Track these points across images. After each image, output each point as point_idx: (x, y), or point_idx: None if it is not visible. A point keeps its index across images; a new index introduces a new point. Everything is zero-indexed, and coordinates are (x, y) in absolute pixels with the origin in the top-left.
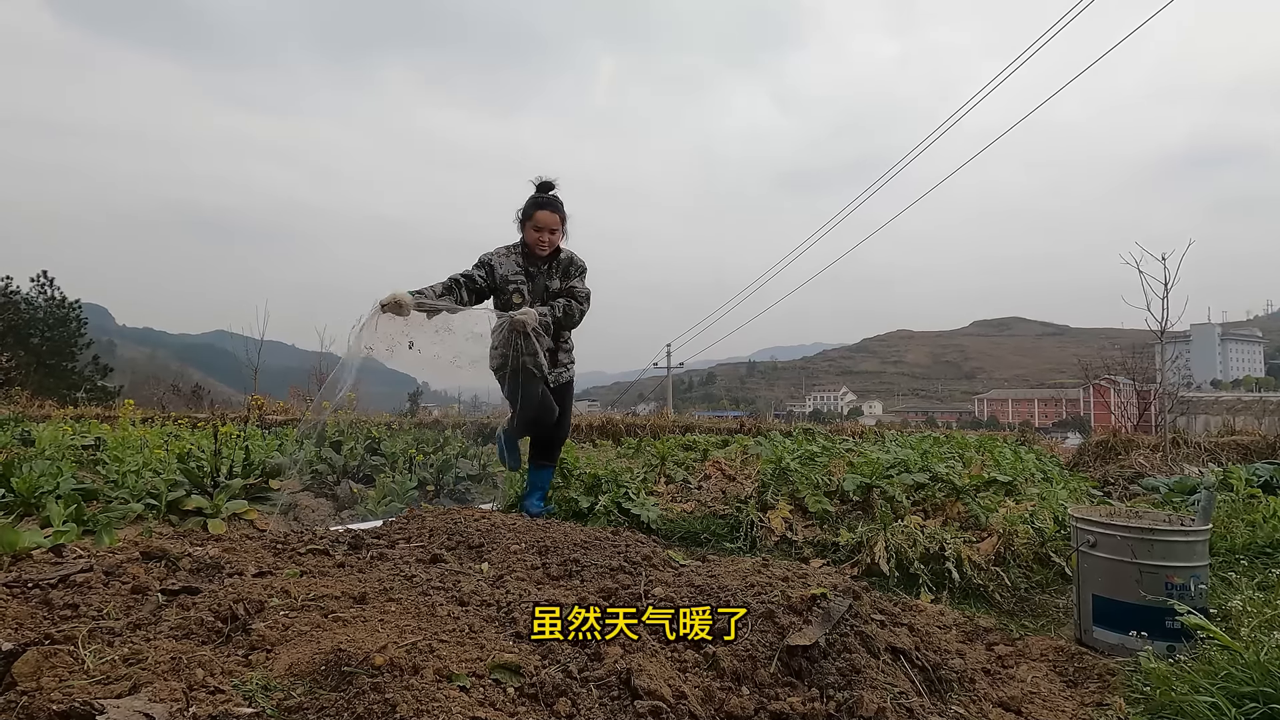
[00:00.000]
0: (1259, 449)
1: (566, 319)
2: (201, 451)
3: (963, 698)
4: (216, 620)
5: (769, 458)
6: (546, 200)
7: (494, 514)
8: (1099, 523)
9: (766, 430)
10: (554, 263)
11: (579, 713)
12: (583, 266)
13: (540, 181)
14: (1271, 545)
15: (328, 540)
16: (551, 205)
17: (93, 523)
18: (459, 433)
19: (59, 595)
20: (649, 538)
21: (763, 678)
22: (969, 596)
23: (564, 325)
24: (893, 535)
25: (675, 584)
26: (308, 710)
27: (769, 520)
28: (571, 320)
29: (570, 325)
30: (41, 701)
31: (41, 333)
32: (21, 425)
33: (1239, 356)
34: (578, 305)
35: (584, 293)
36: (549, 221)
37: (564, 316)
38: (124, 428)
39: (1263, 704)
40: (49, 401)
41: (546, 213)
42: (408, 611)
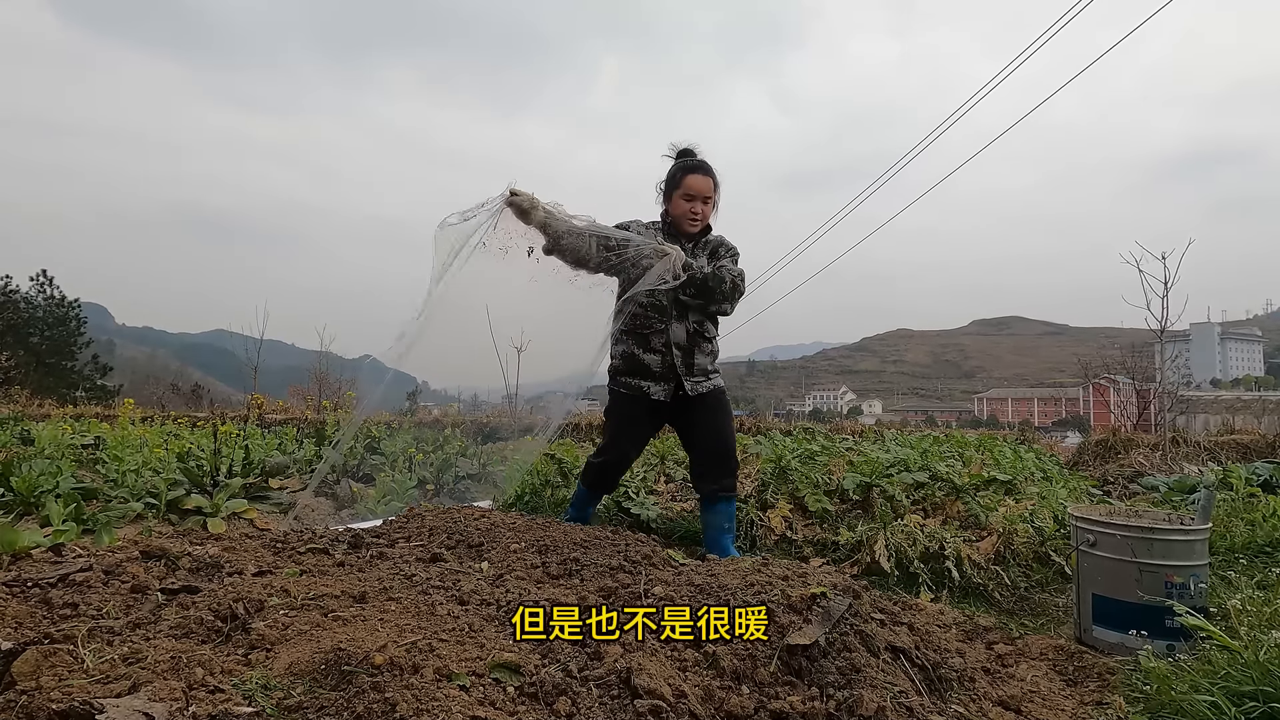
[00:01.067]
0: (1258, 448)
1: (716, 284)
2: (201, 451)
3: (962, 696)
4: (216, 619)
5: (769, 457)
6: (698, 164)
7: (494, 513)
8: (1099, 522)
9: (766, 429)
10: (701, 243)
11: (579, 712)
12: (734, 250)
13: (680, 148)
14: (1271, 544)
15: (327, 539)
16: (704, 169)
17: (92, 522)
18: (458, 431)
19: (58, 594)
20: (649, 537)
21: (762, 677)
22: (969, 595)
23: (711, 293)
24: (893, 534)
25: (675, 583)
26: (307, 709)
27: (769, 519)
28: (722, 288)
29: (719, 297)
30: (41, 701)
31: (41, 332)
32: (21, 424)
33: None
34: (732, 277)
35: (739, 271)
36: (702, 188)
37: (713, 281)
38: (123, 427)
39: (1262, 703)
40: (48, 401)
41: (699, 177)
42: (407, 610)
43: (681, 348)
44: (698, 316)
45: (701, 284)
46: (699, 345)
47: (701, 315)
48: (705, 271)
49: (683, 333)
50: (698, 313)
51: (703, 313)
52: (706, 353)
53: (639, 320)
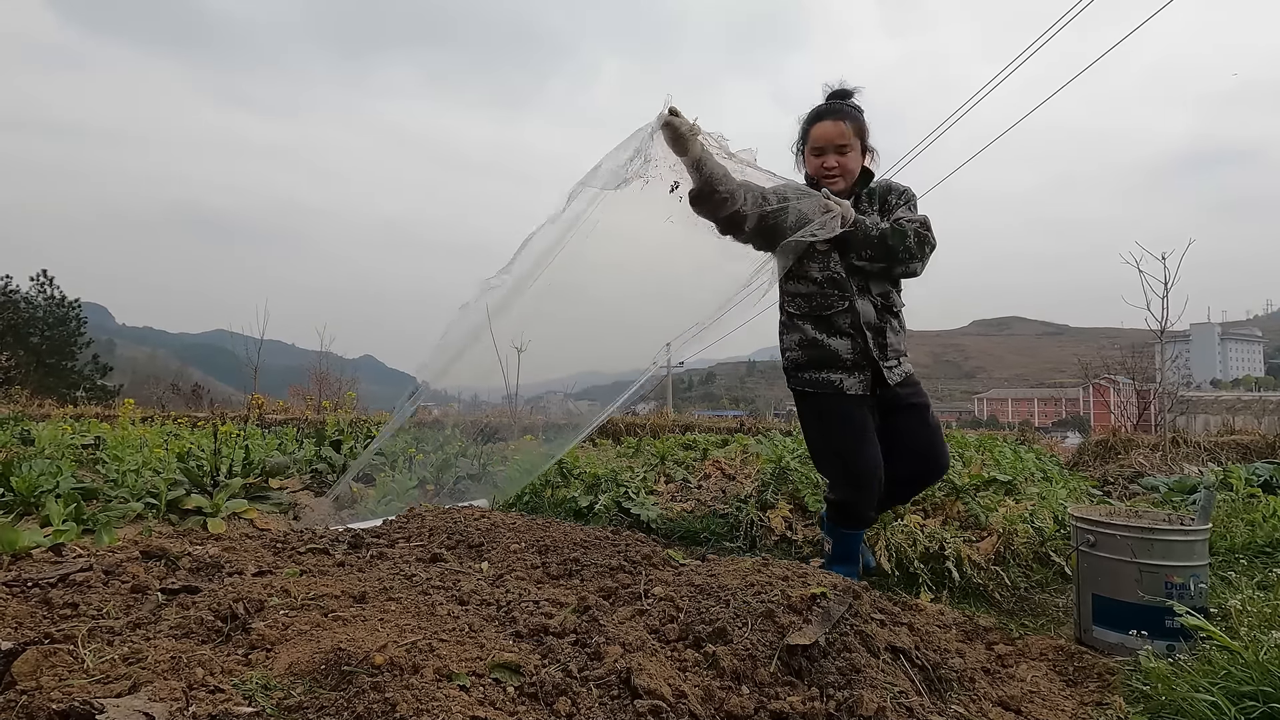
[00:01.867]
0: (1258, 448)
1: (898, 241)
2: (201, 451)
3: (962, 697)
4: (216, 619)
5: (769, 457)
6: (824, 109)
7: (494, 513)
8: (1099, 522)
9: (766, 429)
10: (864, 194)
11: (579, 712)
12: (908, 194)
13: (832, 90)
14: (1271, 544)
15: (327, 539)
16: (835, 113)
17: (92, 522)
18: (458, 431)
19: (58, 594)
20: (649, 537)
21: (762, 677)
22: (969, 596)
23: (894, 253)
24: (892, 534)
25: (675, 583)
26: (307, 709)
27: (769, 519)
28: (905, 244)
29: (903, 255)
30: (41, 701)
31: (41, 332)
32: (21, 424)
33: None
34: (914, 228)
35: (920, 218)
36: (830, 135)
37: (893, 237)
38: (124, 427)
39: (1262, 703)
40: (48, 400)
41: (825, 124)
42: (407, 611)
43: (872, 327)
44: (882, 287)
45: (879, 243)
46: (889, 322)
47: (886, 284)
48: (882, 227)
49: (870, 309)
50: (881, 282)
51: (887, 279)
52: (897, 330)
53: (815, 300)
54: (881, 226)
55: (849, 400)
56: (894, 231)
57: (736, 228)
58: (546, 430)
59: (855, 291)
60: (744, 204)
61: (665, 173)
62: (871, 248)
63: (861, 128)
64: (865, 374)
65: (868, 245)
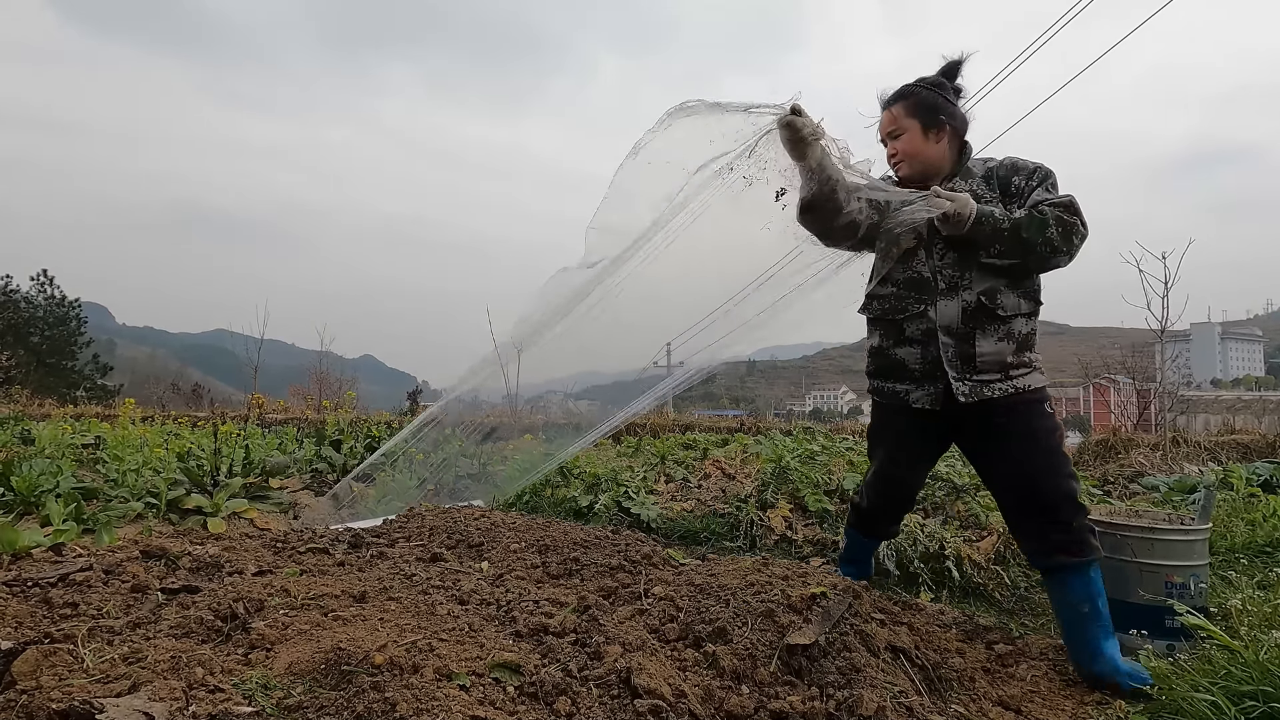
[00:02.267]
0: (1259, 448)
1: (1036, 232)
2: (201, 450)
3: (962, 696)
4: (216, 619)
5: (769, 457)
6: (890, 96)
7: (494, 513)
8: (1098, 521)
9: (766, 429)
10: (966, 184)
11: (579, 711)
12: (1041, 171)
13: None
14: (1271, 544)
15: (327, 539)
16: (891, 100)
17: (92, 521)
18: (458, 431)
19: (58, 594)
20: (649, 537)
21: (762, 676)
22: (969, 595)
23: (1029, 247)
24: None
25: (675, 583)
26: (307, 709)
27: (769, 519)
28: (1045, 234)
29: (1043, 248)
30: (41, 700)
31: (41, 331)
32: (21, 424)
33: (1239, 355)
34: (1054, 214)
35: (1063, 200)
36: (883, 124)
37: (1029, 228)
38: (124, 426)
39: (1262, 703)
40: (49, 400)
41: (886, 113)
42: (407, 610)
43: (953, 332)
44: (987, 284)
45: (1011, 235)
46: (985, 327)
47: (996, 281)
48: (1015, 218)
49: (954, 311)
50: (990, 278)
51: (1007, 276)
52: (1000, 336)
53: (890, 303)
54: (1015, 217)
55: (911, 413)
56: (1030, 221)
57: (846, 238)
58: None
59: (939, 292)
60: (858, 213)
61: (774, 176)
62: (1001, 241)
63: (920, 104)
64: (938, 386)
65: (996, 239)
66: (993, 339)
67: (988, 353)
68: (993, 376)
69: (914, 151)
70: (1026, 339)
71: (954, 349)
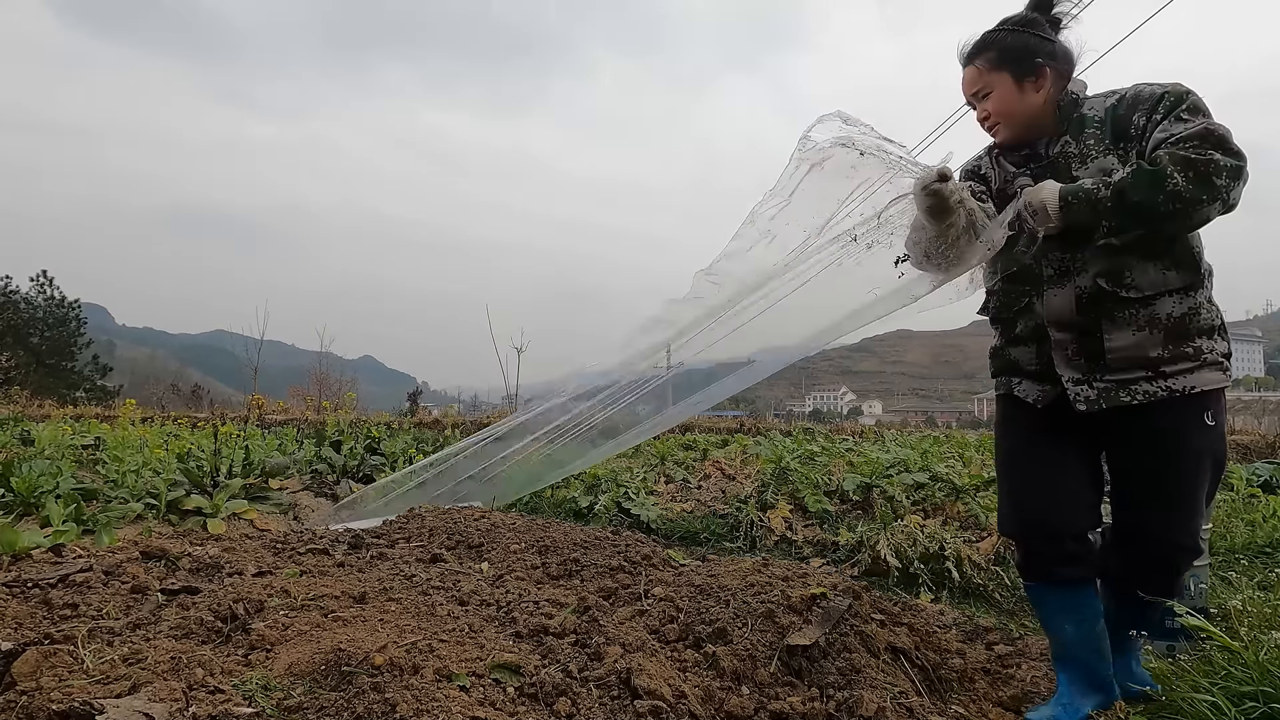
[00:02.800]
0: (1259, 448)
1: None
2: (201, 451)
3: (962, 697)
4: (216, 620)
5: (769, 457)
6: (970, 49)
7: (494, 513)
8: None
9: (766, 430)
10: (1073, 135)
11: (579, 712)
12: (1170, 96)
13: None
14: (1271, 544)
15: (327, 540)
16: (979, 49)
17: (92, 522)
18: (458, 432)
19: (58, 595)
20: (649, 537)
21: (762, 677)
22: (969, 596)
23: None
24: (893, 535)
25: (675, 583)
26: (307, 710)
27: (769, 520)
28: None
29: (1167, 208)
30: (41, 701)
31: (41, 332)
32: (21, 425)
33: (1238, 356)
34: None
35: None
36: (964, 87)
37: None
38: (124, 427)
39: (1263, 704)
40: (48, 401)
41: (969, 71)
42: (407, 611)
43: (1069, 325)
44: (1108, 261)
45: (1116, 206)
46: (1113, 315)
47: (1121, 257)
48: (1116, 182)
49: (1067, 302)
50: (1111, 254)
51: (1137, 248)
52: (1140, 324)
53: (999, 299)
54: (1117, 180)
55: (1029, 410)
56: (1139, 178)
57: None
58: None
59: (1047, 280)
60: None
61: (897, 239)
62: (1109, 217)
63: (1007, 51)
64: (1056, 388)
65: (1101, 217)
66: (1128, 329)
67: (1122, 346)
68: (1134, 375)
69: (1009, 110)
70: (1184, 323)
71: (1073, 345)
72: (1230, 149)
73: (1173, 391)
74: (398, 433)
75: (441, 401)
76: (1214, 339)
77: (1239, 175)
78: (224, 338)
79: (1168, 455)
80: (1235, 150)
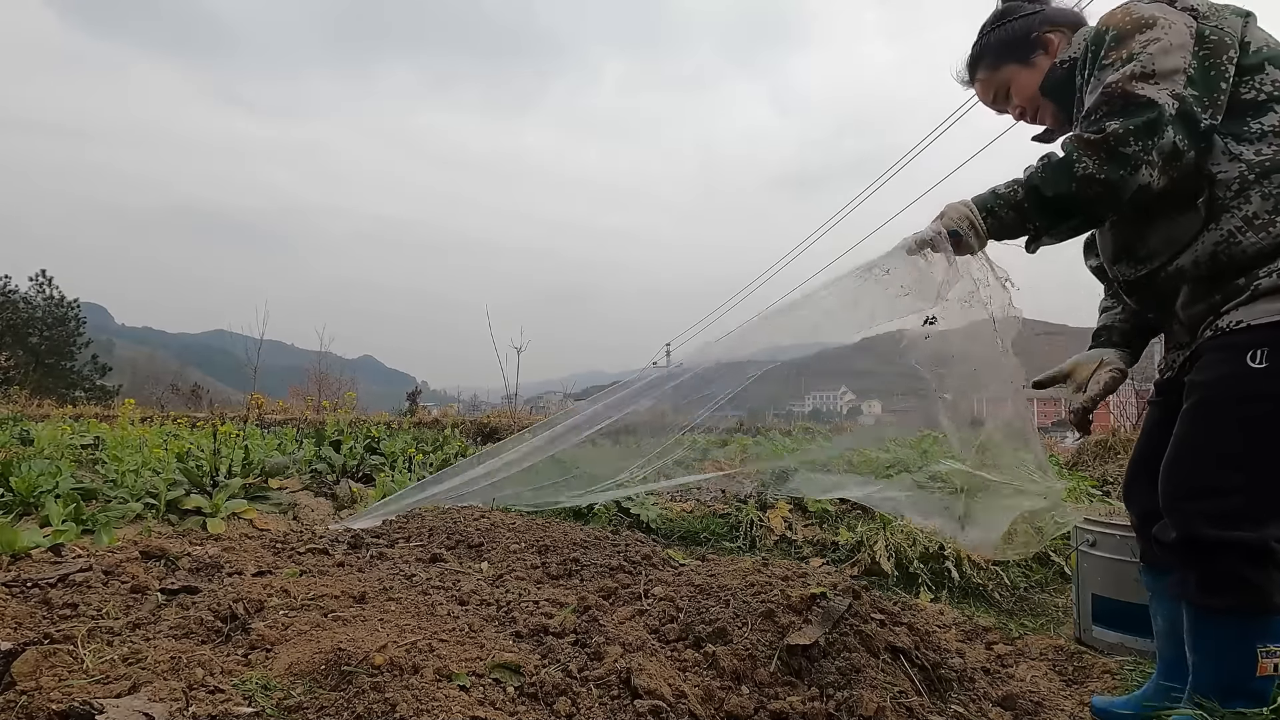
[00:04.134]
0: None
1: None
2: (200, 451)
3: (962, 697)
4: (216, 620)
5: (769, 457)
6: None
7: (493, 513)
8: (1098, 522)
9: (766, 430)
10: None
11: (579, 712)
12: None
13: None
14: None
15: (327, 539)
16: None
17: (92, 522)
18: (457, 432)
19: (58, 594)
20: (649, 537)
21: (762, 677)
22: (968, 596)
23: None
24: (892, 534)
25: (675, 583)
26: (307, 709)
27: (768, 520)
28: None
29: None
30: (41, 701)
31: (40, 332)
32: (20, 424)
33: None
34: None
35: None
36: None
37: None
38: (123, 427)
39: None
40: (48, 401)
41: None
42: (407, 611)
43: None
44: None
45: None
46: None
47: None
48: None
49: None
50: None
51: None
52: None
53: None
54: (1026, 178)
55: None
56: (1048, 171)
57: None
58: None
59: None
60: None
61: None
62: (1032, 217)
63: (1001, 46)
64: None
65: (1026, 219)
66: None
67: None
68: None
69: (1035, 92)
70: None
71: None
72: (1134, 104)
73: (1219, 331)
74: (397, 432)
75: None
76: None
77: (1153, 130)
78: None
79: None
80: (1142, 101)
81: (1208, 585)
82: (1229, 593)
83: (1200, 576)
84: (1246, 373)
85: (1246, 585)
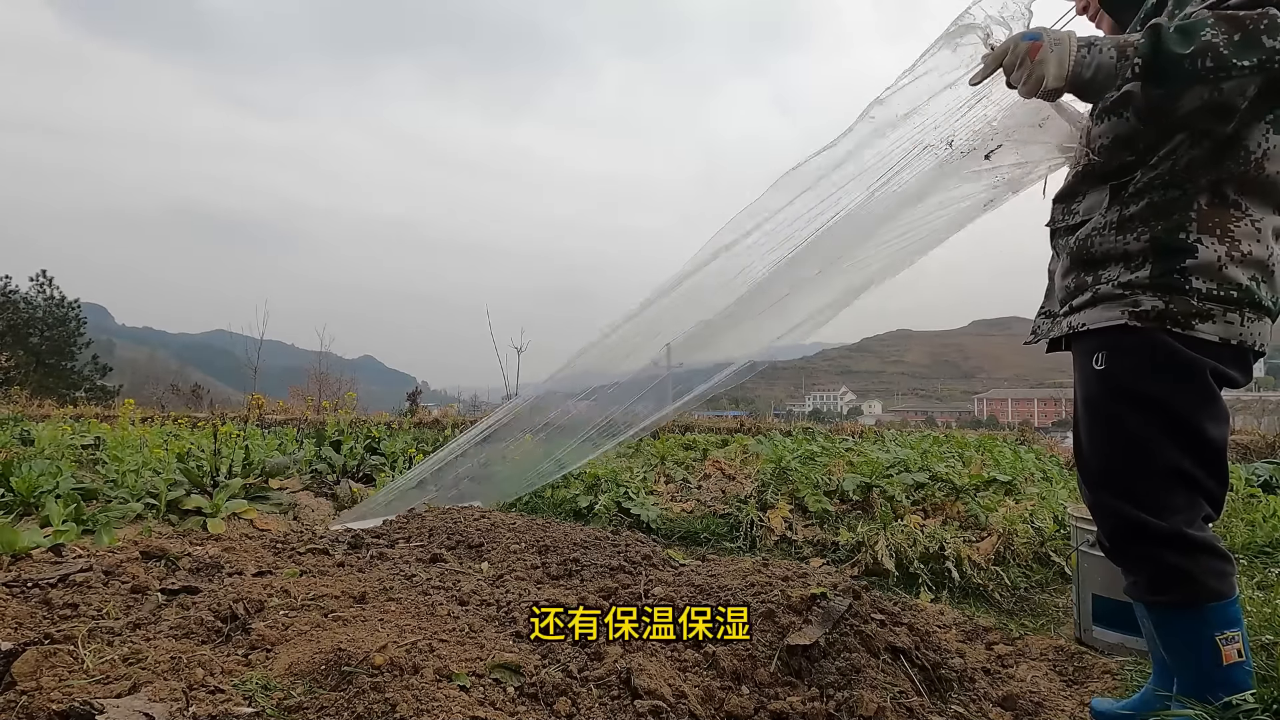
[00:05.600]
0: (1258, 448)
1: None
2: (201, 451)
3: (962, 697)
4: (216, 620)
5: (769, 457)
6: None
7: (493, 513)
8: None
9: (766, 430)
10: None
11: (579, 712)
12: None
13: None
14: (1271, 544)
15: (327, 540)
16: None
17: (92, 522)
18: (458, 432)
19: (58, 595)
20: (649, 537)
21: (762, 677)
22: (969, 596)
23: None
24: (893, 535)
25: (675, 583)
26: (308, 710)
27: (769, 520)
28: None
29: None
30: (41, 701)
31: (41, 332)
32: (21, 425)
33: None
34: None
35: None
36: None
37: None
38: (123, 427)
39: None
40: (48, 401)
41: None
42: (407, 611)
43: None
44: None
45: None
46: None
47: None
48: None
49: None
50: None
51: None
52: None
53: None
54: (1149, 27)
55: None
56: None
57: None
58: None
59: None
60: None
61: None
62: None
63: None
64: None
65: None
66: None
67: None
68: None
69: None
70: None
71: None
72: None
73: (1072, 329)
74: (398, 432)
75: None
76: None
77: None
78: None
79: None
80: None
81: (1154, 583)
82: (1173, 587)
83: (1148, 577)
84: (1093, 374)
85: (1184, 576)
